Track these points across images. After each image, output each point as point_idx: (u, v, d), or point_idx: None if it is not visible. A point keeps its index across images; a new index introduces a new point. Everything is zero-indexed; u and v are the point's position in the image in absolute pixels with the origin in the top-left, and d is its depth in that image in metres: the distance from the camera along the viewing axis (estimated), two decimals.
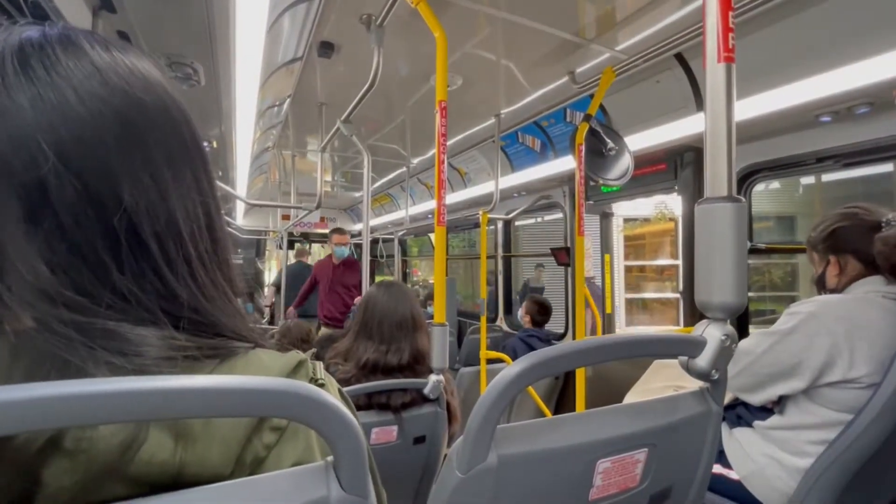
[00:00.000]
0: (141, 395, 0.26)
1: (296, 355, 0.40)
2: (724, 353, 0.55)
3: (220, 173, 3.76)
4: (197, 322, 0.35)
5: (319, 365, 0.41)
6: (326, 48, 1.77)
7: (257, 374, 0.36)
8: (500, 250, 3.70)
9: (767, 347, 1.15)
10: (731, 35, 0.55)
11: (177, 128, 0.36)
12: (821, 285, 1.26)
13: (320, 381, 0.39)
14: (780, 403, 1.21)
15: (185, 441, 0.31)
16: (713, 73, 0.56)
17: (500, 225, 3.65)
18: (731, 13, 0.56)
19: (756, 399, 1.21)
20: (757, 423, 1.25)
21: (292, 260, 5.63)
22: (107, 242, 0.32)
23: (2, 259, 0.29)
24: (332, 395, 0.32)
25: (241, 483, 0.31)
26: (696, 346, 0.56)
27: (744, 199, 0.56)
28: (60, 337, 0.29)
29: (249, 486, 0.31)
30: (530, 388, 2.29)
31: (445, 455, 1.39)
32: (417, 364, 1.34)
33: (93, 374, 0.29)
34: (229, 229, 0.43)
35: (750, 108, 1.60)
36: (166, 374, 0.31)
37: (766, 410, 1.25)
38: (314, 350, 1.51)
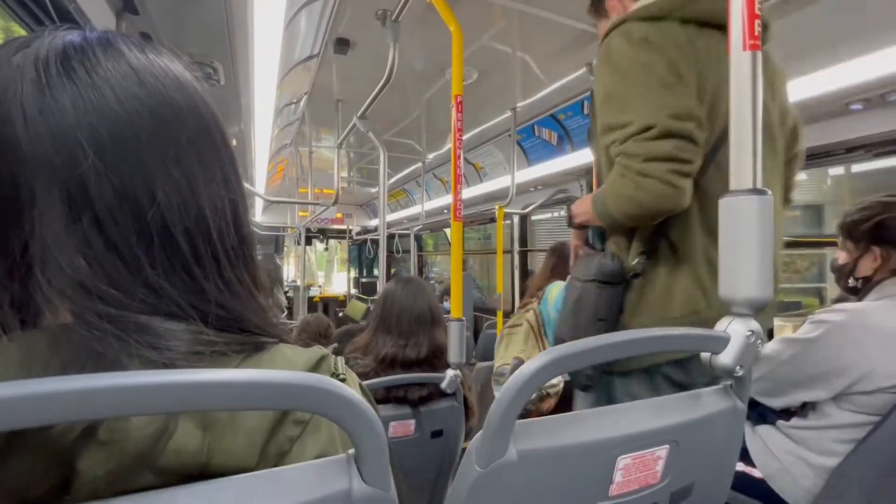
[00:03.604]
0: (172, 388, 0.26)
1: (318, 350, 0.40)
2: (749, 350, 0.54)
3: (240, 170, 3.82)
4: (223, 317, 0.35)
5: (340, 360, 0.42)
6: (342, 44, 1.78)
7: (282, 368, 0.37)
8: (516, 245, 3.68)
9: (790, 357, 1.12)
10: (757, 22, 0.53)
11: (207, 127, 0.37)
12: (844, 273, 1.21)
13: (341, 376, 0.40)
14: (803, 408, 1.18)
15: (212, 433, 0.31)
16: (738, 62, 0.55)
17: (516, 219, 3.63)
18: None
19: (776, 403, 1.19)
20: (780, 422, 1.22)
21: (309, 257, 5.68)
22: (140, 238, 0.33)
23: (43, 252, 0.30)
24: (353, 390, 0.33)
25: (265, 474, 0.32)
26: (719, 342, 0.55)
27: (769, 192, 0.54)
28: (95, 329, 0.30)
29: (274, 477, 0.32)
30: None
31: (463, 449, 1.40)
32: (436, 359, 1.35)
33: (126, 367, 0.30)
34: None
35: None
36: (195, 367, 0.32)
37: (789, 411, 1.22)
38: (335, 345, 1.53)
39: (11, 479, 0.27)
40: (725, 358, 0.54)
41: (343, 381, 0.39)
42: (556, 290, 1.52)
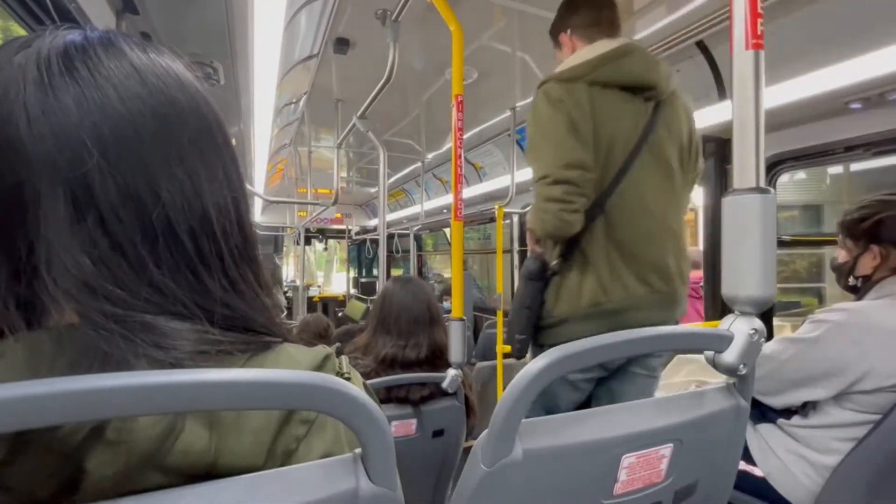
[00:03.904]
0: (179, 387, 0.26)
1: (322, 349, 0.40)
2: (752, 348, 0.54)
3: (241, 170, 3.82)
4: (228, 316, 0.35)
5: (344, 359, 0.42)
6: (342, 44, 1.78)
7: (287, 367, 0.36)
8: (515, 245, 3.68)
9: (791, 356, 1.12)
10: (759, 21, 0.54)
11: (209, 126, 0.37)
12: (844, 272, 1.21)
13: (346, 375, 0.40)
14: (804, 407, 1.18)
15: (219, 432, 0.31)
16: (741, 61, 0.55)
17: (515, 219, 3.63)
18: None
19: (777, 403, 1.19)
20: (781, 420, 1.22)
21: (309, 257, 5.67)
22: (145, 237, 0.32)
23: (48, 252, 0.30)
24: (358, 389, 0.33)
25: (272, 474, 0.32)
26: (722, 340, 0.55)
27: (773, 190, 0.55)
28: (102, 329, 0.30)
29: (281, 476, 0.32)
30: None
31: (464, 448, 1.40)
32: (436, 358, 1.35)
33: (132, 367, 0.30)
34: None
35: (776, 95, 1.55)
36: (201, 367, 0.32)
37: (789, 410, 1.22)
38: (338, 344, 1.53)
39: (19, 480, 0.27)
40: (729, 356, 0.55)
41: (348, 380, 0.38)
42: None
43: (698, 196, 2.81)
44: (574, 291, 1.08)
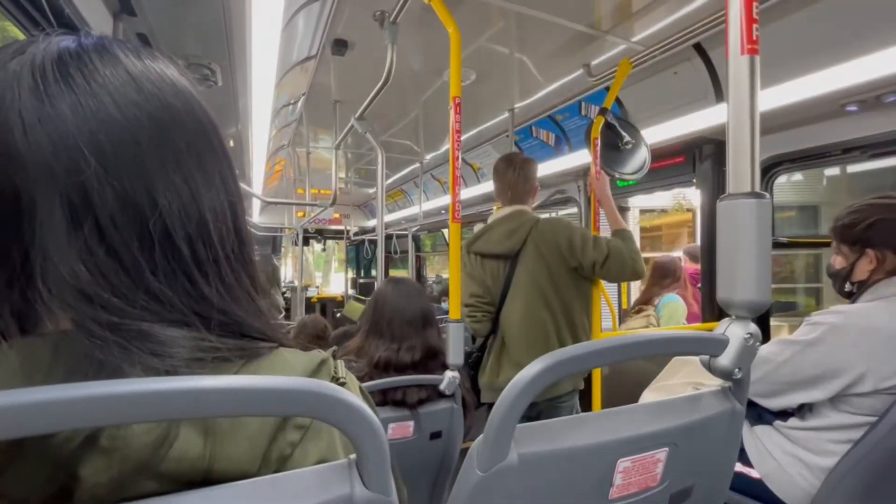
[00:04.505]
0: (173, 395, 0.26)
1: (318, 354, 0.40)
2: (748, 352, 0.54)
3: (238, 172, 3.81)
4: (224, 322, 0.35)
5: (341, 363, 0.42)
6: (340, 46, 1.77)
7: (282, 373, 0.36)
8: None
9: (787, 358, 1.13)
10: (754, 26, 0.54)
11: (205, 131, 0.37)
12: (841, 278, 1.22)
13: (342, 380, 0.40)
14: (800, 409, 1.19)
15: (213, 439, 0.31)
16: (736, 66, 0.55)
17: None
18: (754, 3, 0.54)
19: (773, 405, 1.19)
20: (777, 422, 1.23)
21: (307, 257, 5.65)
22: (142, 244, 0.32)
23: (44, 261, 0.30)
24: (354, 394, 0.33)
25: (267, 480, 0.32)
26: (718, 344, 0.55)
27: (768, 195, 0.55)
28: (97, 337, 0.30)
29: (275, 483, 0.32)
30: None
31: (462, 450, 1.40)
32: (430, 360, 1.34)
33: (128, 375, 0.30)
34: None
35: (772, 98, 1.56)
36: (197, 374, 0.32)
37: (786, 411, 1.23)
38: (335, 348, 1.53)
39: (12, 487, 0.27)
40: (724, 360, 0.55)
41: (343, 384, 0.39)
42: (669, 305, 2.53)
43: (695, 197, 2.82)
44: (486, 371, 1.69)
